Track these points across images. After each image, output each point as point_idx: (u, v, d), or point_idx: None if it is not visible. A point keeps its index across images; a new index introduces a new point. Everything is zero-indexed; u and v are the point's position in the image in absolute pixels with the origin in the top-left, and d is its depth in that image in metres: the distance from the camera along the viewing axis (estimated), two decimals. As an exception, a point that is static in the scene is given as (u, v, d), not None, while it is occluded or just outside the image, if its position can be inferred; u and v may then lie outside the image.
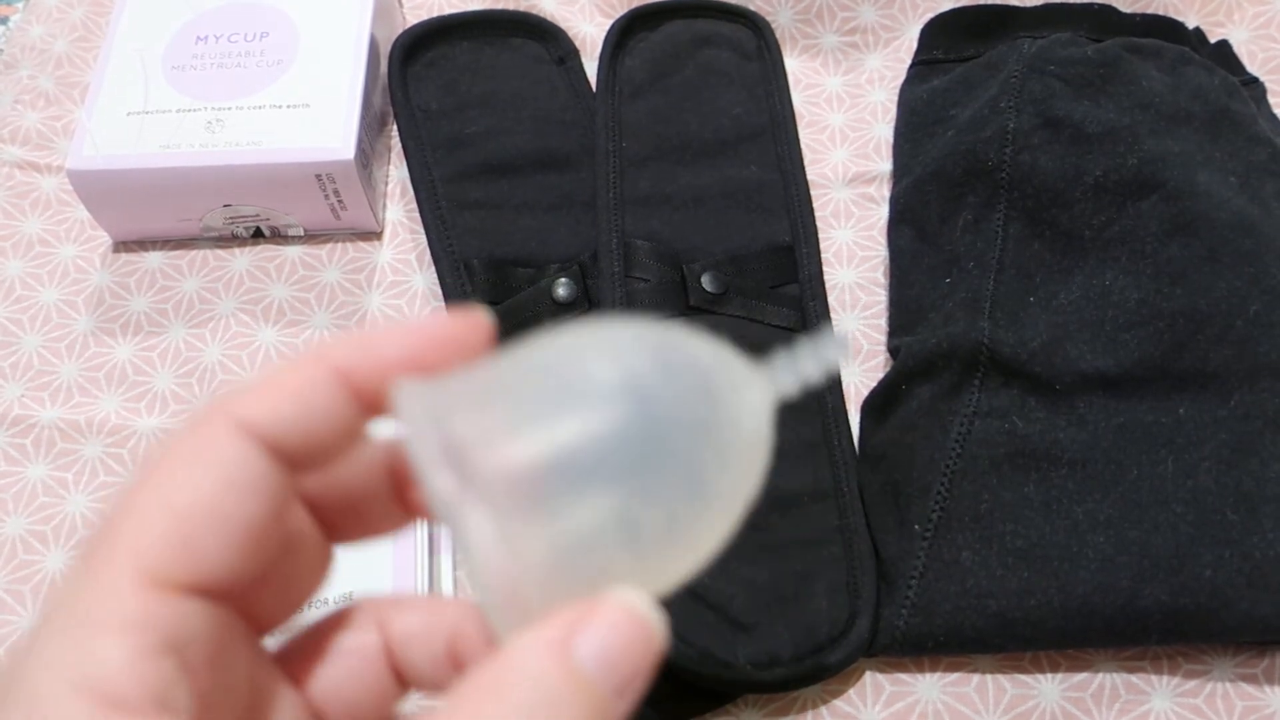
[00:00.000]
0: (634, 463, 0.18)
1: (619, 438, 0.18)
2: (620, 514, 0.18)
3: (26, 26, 0.55)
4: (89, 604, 0.17)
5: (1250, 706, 0.36)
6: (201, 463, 0.18)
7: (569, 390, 0.19)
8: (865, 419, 0.41)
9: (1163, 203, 0.40)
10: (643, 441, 0.18)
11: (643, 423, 0.18)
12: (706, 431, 0.19)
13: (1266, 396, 0.37)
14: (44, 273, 0.48)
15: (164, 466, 0.18)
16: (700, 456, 0.19)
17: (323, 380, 0.19)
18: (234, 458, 0.18)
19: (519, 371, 0.19)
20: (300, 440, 0.19)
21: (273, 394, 0.19)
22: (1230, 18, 0.51)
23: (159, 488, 0.18)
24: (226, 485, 0.18)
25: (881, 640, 0.37)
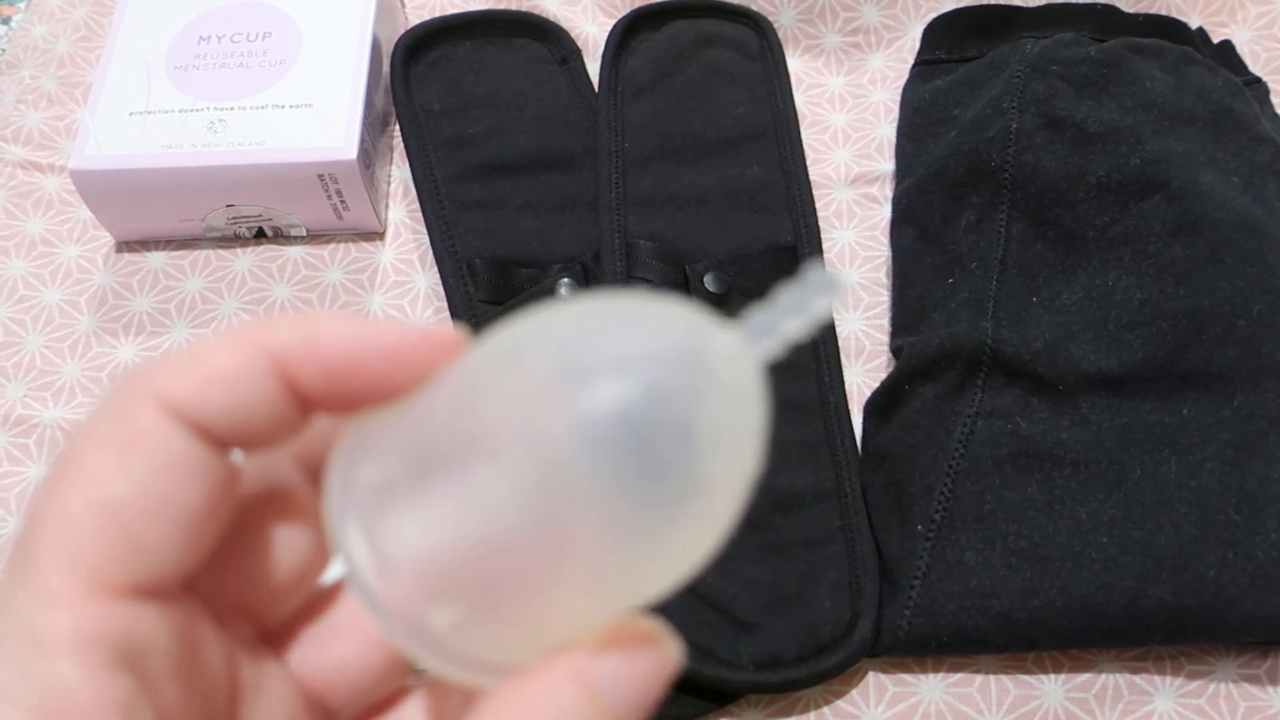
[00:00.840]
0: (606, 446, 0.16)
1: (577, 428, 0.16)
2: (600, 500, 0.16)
3: (29, 26, 0.55)
4: (32, 621, 0.15)
5: (1254, 707, 0.36)
6: (128, 450, 0.16)
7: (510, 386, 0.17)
8: (868, 419, 0.41)
9: (1166, 203, 0.40)
10: (607, 426, 0.16)
11: (605, 408, 0.16)
12: (699, 401, 0.17)
13: (1270, 396, 0.37)
14: (46, 273, 0.48)
15: (86, 457, 0.16)
16: (693, 427, 0.17)
17: (256, 368, 0.17)
18: (163, 440, 0.16)
19: (455, 387, 0.17)
20: (230, 427, 0.17)
21: (198, 375, 0.17)
22: (1233, 18, 0.51)
23: (85, 482, 0.16)
24: (158, 473, 0.16)
25: (884, 640, 0.37)
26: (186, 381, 0.17)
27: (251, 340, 0.17)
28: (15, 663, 0.15)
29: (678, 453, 0.16)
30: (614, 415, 0.16)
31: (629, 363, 0.16)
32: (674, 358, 0.16)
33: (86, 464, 0.16)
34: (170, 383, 0.17)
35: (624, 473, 0.16)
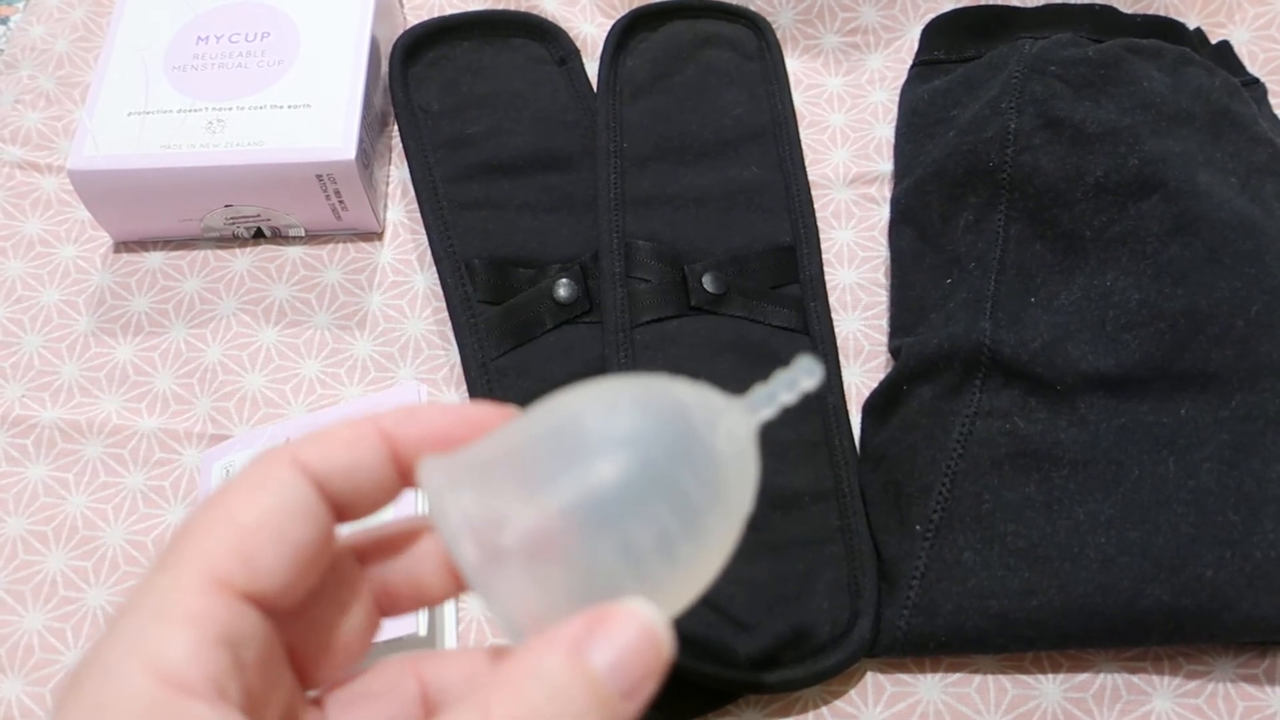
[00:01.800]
0: (629, 506, 0.21)
1: (614, 487, 0.21)
2: (623, 553, 0.21)
3: (27, 26, 0.55)
4: (160, 599, 0.20)
5: (1252, 707, 0.36)
6: (264, 488, 0.21)
7: (568, 452, 0.21)
8: (866, 419, 0.41)
9: (1164, 203, 0.40)
10: (635, 487, 0.21)
11: (633, 471, 0.21)
12: (693, 468, 0.22)
13: (1268, 397, 0.37)
14: (45, 273, 0.48)
15: (231, 490, 0.21)
16: (689, 491, 0.22)
17: (370, 437, 0.22)
18: (290, 487, 0.21)
19: (525, 438, 0.22)
20: (345, 484, 0.22)
21: (327, 441, 0.22)
22: (1231, 18, 0.51)
23: (226, 506, 0.21)
24: (283, 508, 0.21)
25: (883, 640, 0.37)
26: (315, 445, 0.22)
27: (367, 418, 0.23)
28: (138, 626, 0.20)
29: (705, 496, 0.22)
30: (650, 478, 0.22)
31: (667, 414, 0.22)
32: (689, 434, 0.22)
33: (229, 493, 0.21)
34: (303, 446, 0.22)
35: (661, 519, 0.21)
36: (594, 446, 0.21)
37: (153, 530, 0.42)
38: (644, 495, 0.21)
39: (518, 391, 0.42)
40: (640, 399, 0.22)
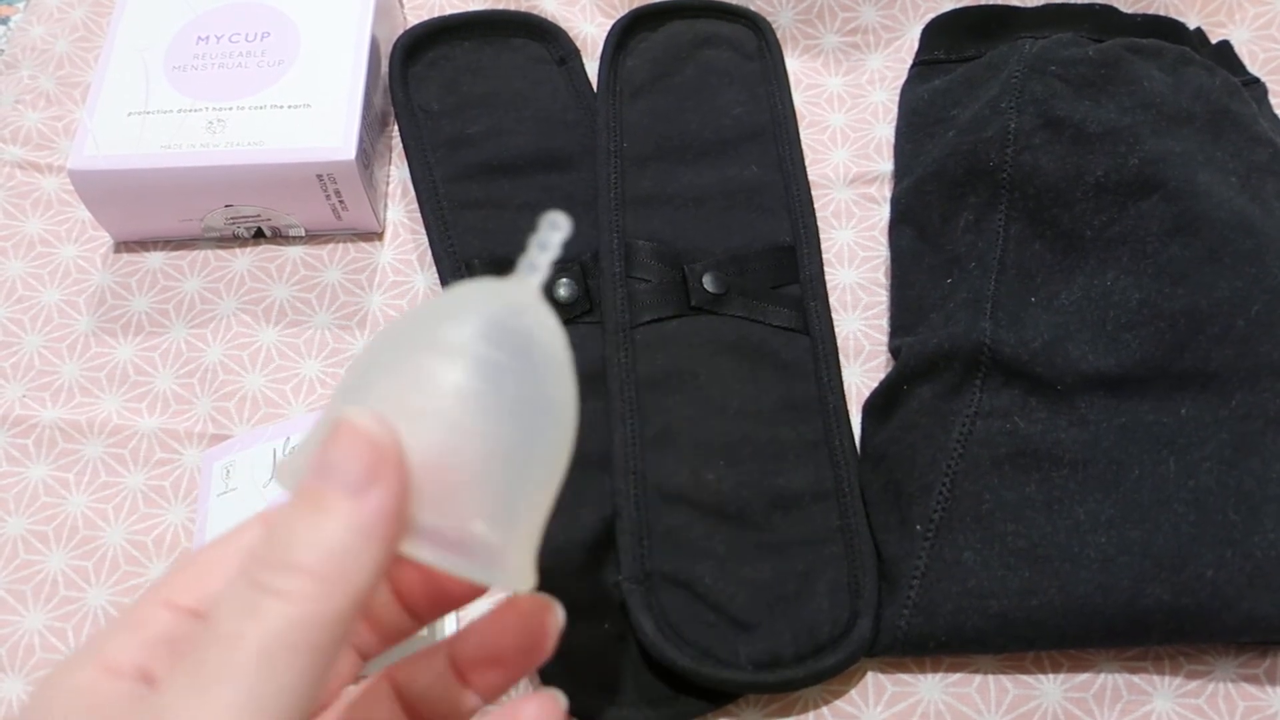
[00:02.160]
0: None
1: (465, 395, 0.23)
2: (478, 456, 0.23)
3: (27, 27, 0.55)
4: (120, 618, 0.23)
5: (1252, 707, 0.36)
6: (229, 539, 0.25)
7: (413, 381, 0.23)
8: (866, 419, 0.41)
9: (1164, 203, 0.40)
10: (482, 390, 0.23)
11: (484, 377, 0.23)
12: (511, 348, 0.24)
13: (1268, 396, 0.37)
14: (45, 273, 0.48)
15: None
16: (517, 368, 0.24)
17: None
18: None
19: None
20: None
21: None
22: (1231, 18, 0.51)
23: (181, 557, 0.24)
24: (236, 547, 0.24)
25: (883, 640, 0.37)
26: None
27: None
28: (103, 636, 0.22)
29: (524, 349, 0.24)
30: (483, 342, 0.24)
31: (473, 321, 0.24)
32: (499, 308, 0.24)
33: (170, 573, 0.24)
34: None
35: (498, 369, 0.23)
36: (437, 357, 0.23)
37: (153, 530, 0.42)
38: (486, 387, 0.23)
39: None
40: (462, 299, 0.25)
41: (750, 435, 0.40)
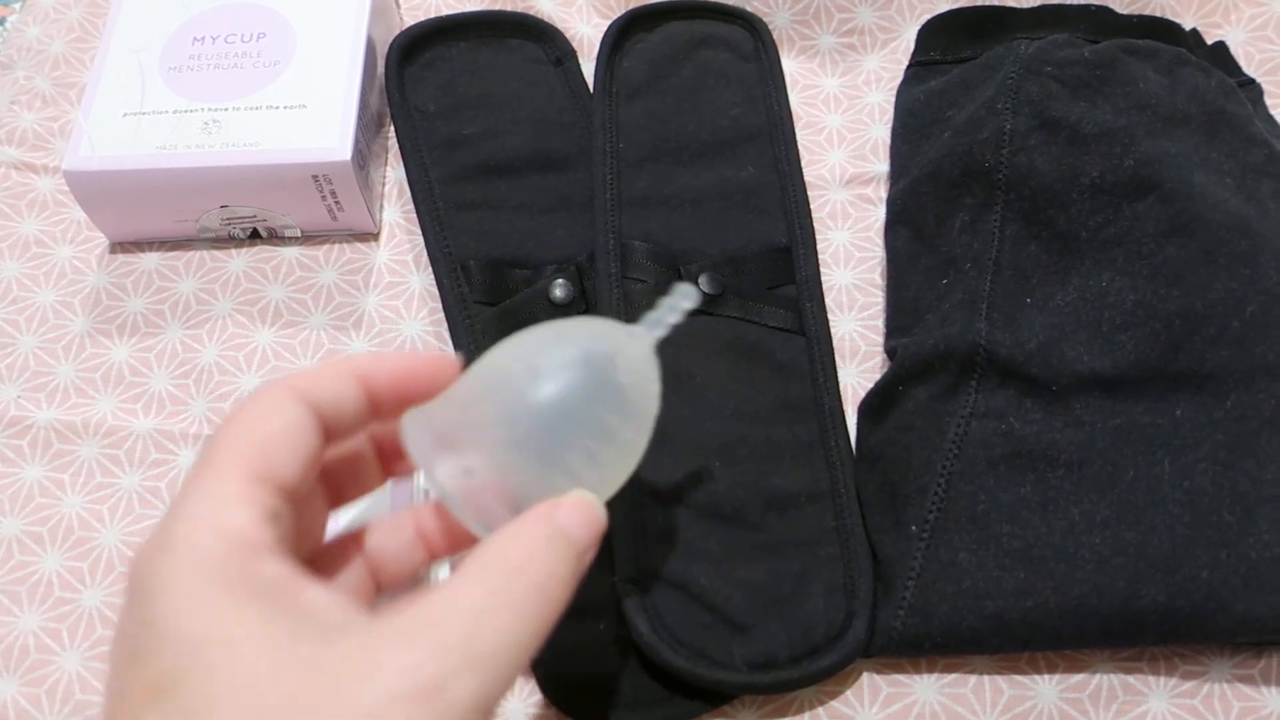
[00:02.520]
0: (558, 439, 0.29)
1: (544, 430, 0.29)
2: (561, 470, 0.29)
3: (23, 27, 0.55)
4: (214, 488, 0.26)
5: (1247, 707, 0.36)
6: (275, 411, 0.28)
7: (509, 404, 0.29)
8: (862, 420, 0.41)
9: (1159, 204, 0.40)
10: (559, 425, 0.29)
11: (558, 412, 0.29)
12: (603, 398, 0.30)
13: (1263, 397, 0.37)
14: (40, 274, 0.48)
15: (246, 414, 0.28)
16: (602, 416, 0.30)
17: (347, 375, 0.29)
18: (293, 410, 0.28)
19: (469, 387, 0.30)
20: (329, 411, 0.29)
21: (316, 377, 0.29)
22: (1227, 19, 0.51)
23: (247, 427, 0.27)
24: (288, 426, 0.28)
25: (878, 641, 0.37)
26: (307, 379, 0.29)
27: (345, 361, 0.30)
28: (202, 508, 0.26)
29: (615, 418, 0.30)
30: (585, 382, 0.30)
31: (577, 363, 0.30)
32: (597, 372, 0.30)
33: (245, 419, 0.28)
34: (297, 379, 0.29)
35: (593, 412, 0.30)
36: (527, 398, 0.29)
37: (148, 531, 0.42)
38: (568, 429, 0.29)
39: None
40: (557, 353, 0.30)
41: (746, 436, 0.40)
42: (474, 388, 0.30)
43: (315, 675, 0.24)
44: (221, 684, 0.23)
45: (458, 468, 0.29)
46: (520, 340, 0.31)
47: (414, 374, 0.30)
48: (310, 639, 0.24)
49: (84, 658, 0.39)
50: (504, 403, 0.29)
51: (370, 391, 0.30)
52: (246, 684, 0.23)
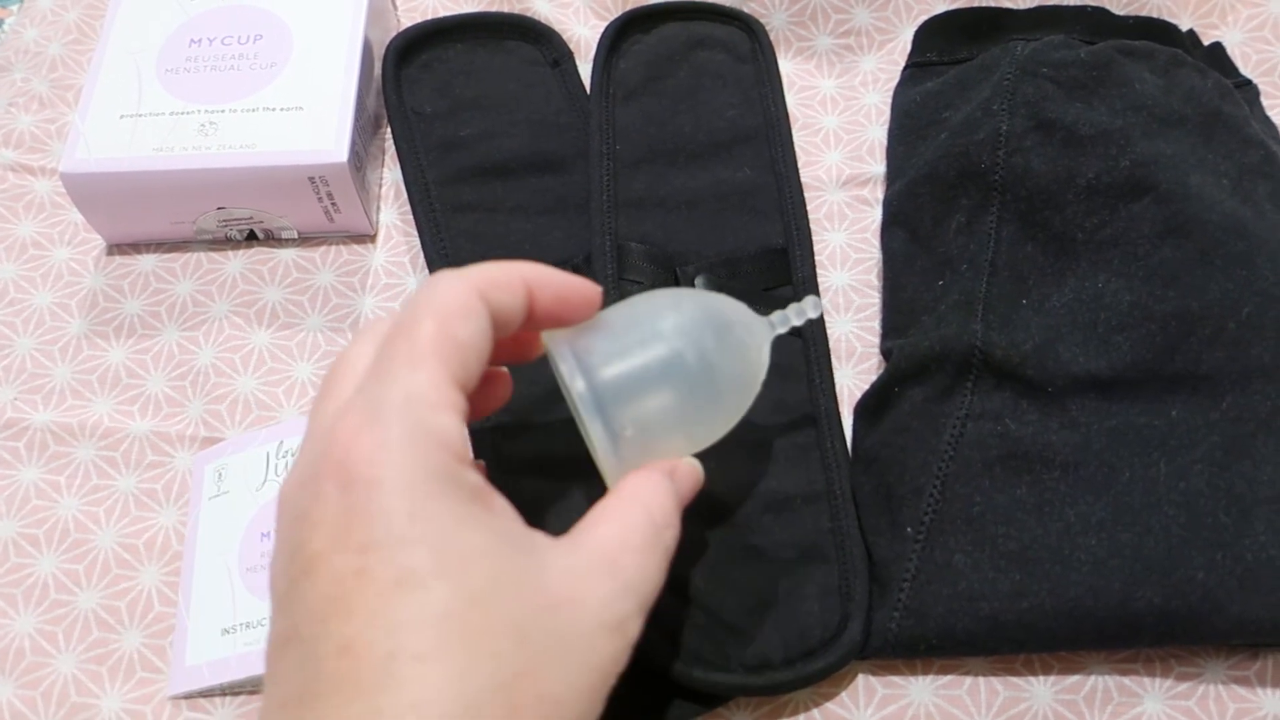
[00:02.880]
0: (687, 387, 0.33)
1: (680, 378, 0.32)
2: (678, 417, 0.33)
3: (21, 29, 0.55)
4: (424, 384, 0.27)
5: (1243, 709, 0.36)
6: (472, 315, 0.29)
7: (653, 347, 0.32)
8: (858, 421, 0.41)
9: (1155, 205, 0.40)
10: (690, 373, 0.32)
11: (693, 369, 0.33)
12: (729, 358, 0.33)
13: (1259, 399, 0.37)
14: (37, 275, 0.48)
15: (444, 303, 0.29)
16: (724, 376, 0.33)
17: (520, 286, 0.31)
18: (483, 317, 0.29)
19: (619, 321, 0.33)
20: (500, 319, 0.30)
21: (495, 283, 0.30)
22: (1224, 20, 0.51)
23: (448, 321, 0.28)
24: (481, 333, 0.29)
25: (874, 643, 0.37)
26: (489, 284, 0.30)
27: (517, 271, 0.31)
28: (423, 413, 0.27)
29: (733, 379, 0.34)
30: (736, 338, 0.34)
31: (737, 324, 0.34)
32: (730, 336, 0.34)
33: (443, 312, 0.28)
34: (480, 283, 0.29)
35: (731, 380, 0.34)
36: (668, 340, 0.32)
37: (144, 533, 0.42)
38: (696, 379, 0.32)
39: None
40: (698, 306, 0.34)
41: (741, 437, 0.40)
42: (632, 339, 0.33)
43: (535, 595, 0.27)
44: (465, 591, 0.25)
45: (606, 391, 0.32)
46: (679, 300, 0.34)
47: (571, 297, 0.32)
48: (516, 553, 0.27)
49: (80, 660, 0.39)
50: (649, 342, 0.32)
51: (534, 299, 0.31)
52: (485, 594, 0.26)
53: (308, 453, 0.28)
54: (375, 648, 0.24)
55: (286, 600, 0.26)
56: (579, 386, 0.31)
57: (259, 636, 0.38)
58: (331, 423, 0.27)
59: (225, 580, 0.39)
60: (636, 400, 0.32)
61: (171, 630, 0.40)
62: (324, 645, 0.25)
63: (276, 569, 0.28)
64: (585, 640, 0.27)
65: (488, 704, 0.25)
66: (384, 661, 0.24)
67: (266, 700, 0.26)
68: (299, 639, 0.26)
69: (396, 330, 0.28)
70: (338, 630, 0.25)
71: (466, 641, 0.25)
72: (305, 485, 0.27)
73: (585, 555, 0.29)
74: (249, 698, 0.38)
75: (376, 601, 0.25)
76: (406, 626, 0.25)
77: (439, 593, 0.25)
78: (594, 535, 0.30)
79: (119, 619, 0.40)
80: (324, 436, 0.27)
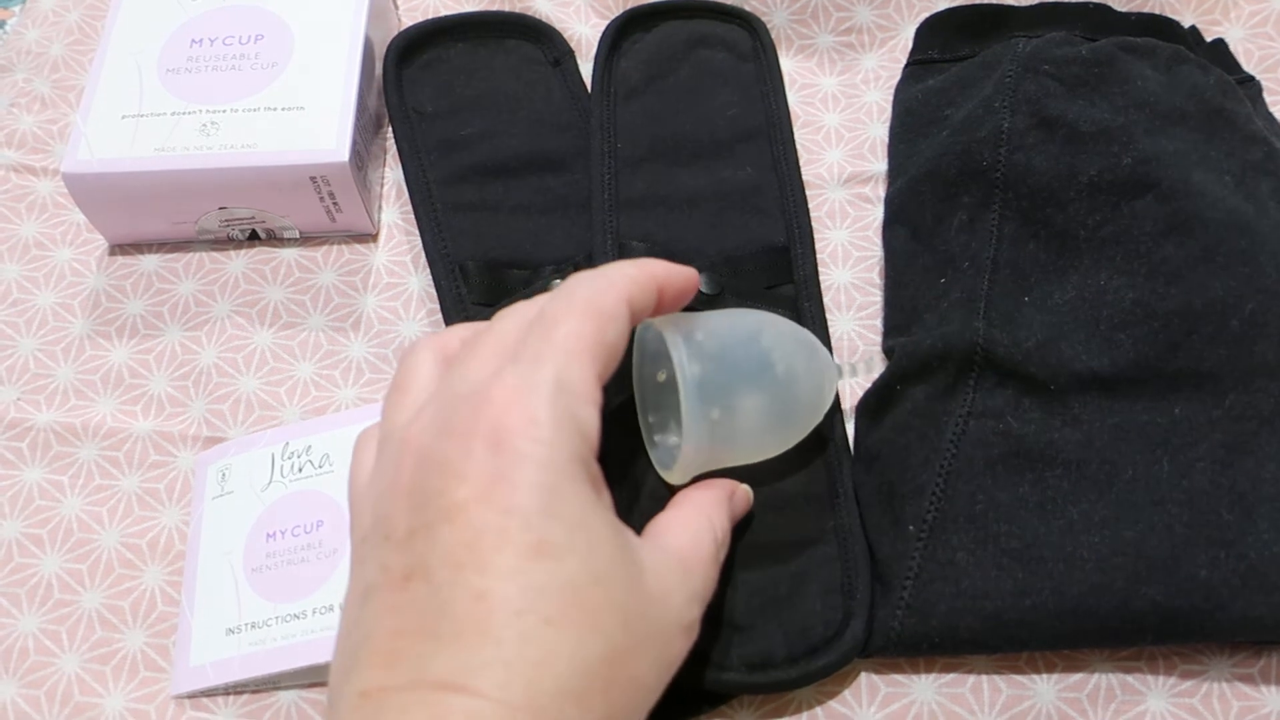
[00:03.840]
0: (774, 399, 0.35)
1: (770, 385, 0.35)
2: (757, 417, 0.35)
3: (23, 30, 0.55)
4: (578, 375, 0.30)
5: (1246, 706, 0.36)
6: (619, 319, 0.31)
7: (745, 339, 0.36)
8: (860, 419, 0.41)
9: (1157, 202, 0.40)
10: (780, 390, 0.35)
11: (781, 380, 0.35)
12: (810, 383, 0.36)
13: (1261, 396, 0.37)
14: (40, 276, 0.48)
15: (601, 302, 0.31)
16: (803, 395, 0.36)
17: (655, 289, 0.33)
18: (626, 322, 0.32)
19: (719, 325, 0.36)
20: (640, 316, 0.33)
21: (640, 289, 0.32)
22: (1226, 16, 0.51)
23: (601, 321, 0.31)
24: (622, 338, 0.32)
25: (876, 641, 0.37)
26: (634, 289, 0.32)
27: (653, 272, 0.33)
28: (575, 403, 0.29)
29: (819, 391, 0.37)
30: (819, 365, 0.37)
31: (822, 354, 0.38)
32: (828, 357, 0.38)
33: (599, 311, 0.31)
34: (629, 286, 0.32)
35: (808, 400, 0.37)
36: (766, 349, 0.35)
37: (148, 533, 0.42)
38: (781, 391, 0.35)
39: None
40: (792, 328, 0.37)
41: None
42: (733, 340, 0.35)
43: (640, 585, 0.29)
44: (590, 569, 0.28)
45: (705, 387, 0.34)
46: (774, 318, 0.37)
47: (686, 290, 0.35)
48: (626, 544, 0.30)
49: (83, 659, 0.39)
50: (750, 361, 0.35)
51: (662, 296, 0.34)
52: (606, 575, 0.28)
53: (450, 403, 0.30)
54: (510, 603, 0.27)
55: (416, 540, 0.28)
56: (694, 371, 0.33)
57: (264, 637, 0.38)
58: (486, 383, 0.29)
59: (229, 580, 0.39)
60: (729, 397, 0.34)
61: (175, 630, 0.40)
62: (459, 589, 0.27)
63: (397, 506, 0.29)
64: (667, 635, 0.30)
65: (595, 675, 0.27)
66: (515, 616, 0.26)
67: (372, 626, 0.28)
68: (429, 577, 0.27)
69: (553, 320, 0.31)
70: (475, 579, 0.27)
71: (588, 615, 0.27)
72: (451, 436, 0.29)
73: (668, 558, 0.31)
74: (253, 697, 0.38)
75: (515, 561, 0.27)
76: (540, 590, 0.27)
77: (571, 566, 0.27)
78: (672, 540, 0.32)
79: (122, 619, 0.40)
80: (475, 394, 0.29)
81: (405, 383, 0.33)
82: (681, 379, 0.34)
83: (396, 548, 0.28)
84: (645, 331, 0.37)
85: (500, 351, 0.31)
